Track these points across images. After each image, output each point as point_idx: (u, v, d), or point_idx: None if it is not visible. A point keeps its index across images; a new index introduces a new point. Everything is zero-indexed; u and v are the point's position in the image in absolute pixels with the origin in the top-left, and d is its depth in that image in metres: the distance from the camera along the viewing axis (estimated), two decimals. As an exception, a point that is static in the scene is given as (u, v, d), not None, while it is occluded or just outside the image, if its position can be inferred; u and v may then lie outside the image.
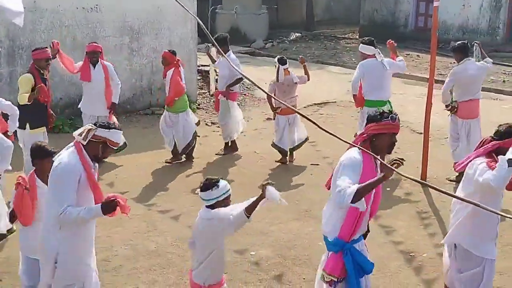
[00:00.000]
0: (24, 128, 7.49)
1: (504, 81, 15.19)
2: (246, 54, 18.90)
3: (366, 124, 4.44)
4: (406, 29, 21.51)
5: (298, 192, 8.08)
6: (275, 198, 4.28)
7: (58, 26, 10.55)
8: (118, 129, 4.47)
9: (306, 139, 9.33)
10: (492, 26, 19.90)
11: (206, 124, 11.20)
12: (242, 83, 14.01)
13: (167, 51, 9.12)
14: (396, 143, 4.45)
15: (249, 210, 4.35)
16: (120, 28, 11.34)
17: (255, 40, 21.11)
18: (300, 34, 23.05)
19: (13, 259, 6.15)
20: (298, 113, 2.94)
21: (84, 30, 10.85)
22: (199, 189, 4.53)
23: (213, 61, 10.12)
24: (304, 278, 5.95)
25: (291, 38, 22.52)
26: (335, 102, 13.19)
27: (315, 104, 12.88)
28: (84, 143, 4.32)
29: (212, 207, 4.47)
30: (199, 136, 9.65)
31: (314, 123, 2.91)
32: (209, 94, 13.10)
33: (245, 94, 13.42)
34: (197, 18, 4.07)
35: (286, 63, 8.89)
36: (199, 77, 13.60)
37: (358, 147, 4.33)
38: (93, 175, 4.39)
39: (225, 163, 9.25)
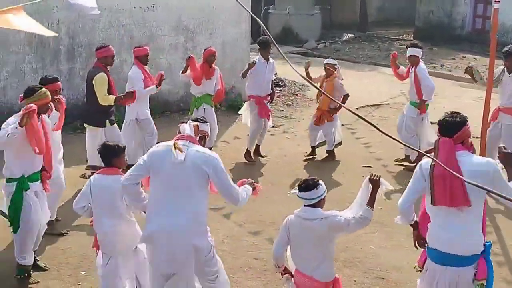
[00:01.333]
0: (104, 126, 7.83)
1: None
2: (298, 54, 18.89)
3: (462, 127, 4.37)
4: (462, 31, 21.05)
5: (352, 196, 8.03)
6: (388, 187, 4.67)
7: (116, 25, 10.80)
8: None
9: (340, 143, 9.48)
10: (555, 29, 19.32)
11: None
12: (294, 83, 14.08)
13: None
14: None
15: (372, 204, 4.57)
16: (175, 27, 11.52)
17: (307, 41, 21.06)
18: (353, 35, 22.86)
19: (71, 252, 6.36)
20: (355, 114, 2.91)
21: (141, 29, 11.07)
22: (296, 189, 4.57)
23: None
24: (355, 281, 5.94)
25: (344, 38, 22.36)
26: (388, 104, 13.05)
27: (367, 105, 12.78)
28: (197, 138, 4.66)
29: (313, 206, 4.51)
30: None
31: (371, 123, 2.89)
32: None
33: (296, 95, 13.42)
34: (256, 17, 4.05)
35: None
36: (251, 77, 13.65)
37: (421, 152, 4.30)
38: None
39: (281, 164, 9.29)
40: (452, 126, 4.38)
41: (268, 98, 9.31)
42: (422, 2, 22.50)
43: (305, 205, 4.54)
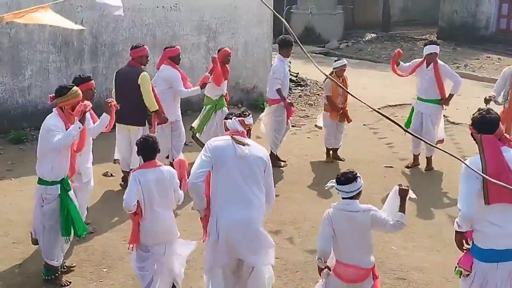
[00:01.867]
0: (145, 125, 7.82)
1: None
2: (320, 54, 18.84)
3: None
4: (487, 31, 20.82)
5: (375, 196, 8.00)
6: (412, 196, 4.75)
7: (139, 24, 10.86)
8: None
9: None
10: None
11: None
12: (316, 83, 14.03)
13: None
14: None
15: (403, 211, 4.67)
16: (197, 27, 11.56)
17: (330, 41, 20.99)
18: (375, 35, 22.74)
19: (93, 249, 6.41)
20: (379, 112, 2.89)
21: (164, 28, 11.13)
22: (333, 182, 4.66)
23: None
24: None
25: (366, 38, 22.25)
26: (410, 104, 12.91)
27: (389, 106, 12.69)
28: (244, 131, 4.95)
29: (351, 199, 4.60)
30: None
31: (394, 121, 2.86)
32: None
33: (318, 94, 13.38)
34: (279, 15, 4.04)
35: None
36: (274, 77, 13.65)
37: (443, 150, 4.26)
38: None
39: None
40: (492, 123, 4.40)
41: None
42: (446, 1, 22.30)
43: (343, 198, 4.62)
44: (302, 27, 21.64)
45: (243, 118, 4.91)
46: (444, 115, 11.92)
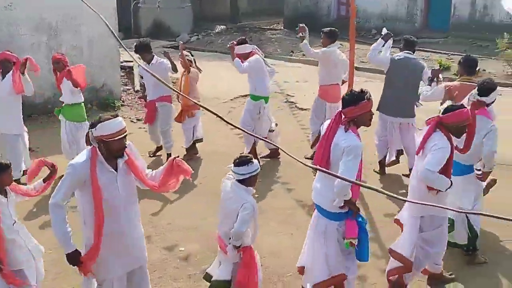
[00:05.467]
0: None
1: (423, 66, 15.64)
2: (171, 48, 18.66)
3: (342, 107, 4.76)
4: (328, 19, 21.84)
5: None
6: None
7: (-31, 25, 10.13)
8: (106, 120, 4.26)
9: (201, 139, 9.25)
10: (410, 13, 20.50)
11: (132, 121, 11.03)
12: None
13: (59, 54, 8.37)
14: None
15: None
16: (37, 26, 10.98)
17: (180, 34, 20.93)
18: (225, 27, 23.02)
19: None
20: (210, 111, 2.90)
21: (-1, 29, 10.46)
22: (232, 165, 4.80)
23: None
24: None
25: (216, 31, 22.46)
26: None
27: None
28: (96, 145, 4.32)
29: (243, 181, 4.75)
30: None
31: (219, 116, 2.86)
32: (134, 91, 12.89)
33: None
34: (100, 16, 3.79)
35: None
36: (122, 74, 13.38)
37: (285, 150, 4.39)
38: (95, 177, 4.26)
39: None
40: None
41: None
42: (290, -9, 23.10)
43: (237, 180, 4.79)
44: (151, 22, 21.41)
45: None
46: (293, 102, 12.45)
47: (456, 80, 7.15)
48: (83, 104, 8.31)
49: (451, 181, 5.06)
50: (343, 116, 4.76)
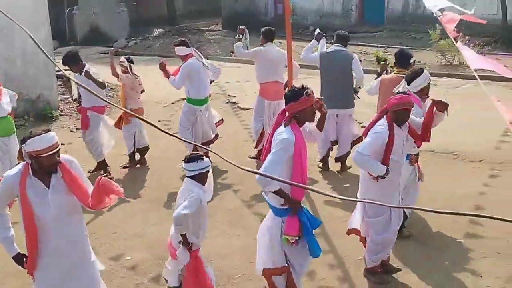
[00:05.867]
0: None
1: (361, 60, 15.87)
2: (108, 54, 18.41)
3: (285, 103, 4.81)
4: (266, 17, 21.97)
5: (174, 190, 8.03)
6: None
7: None
8: (36, 135, 4.12)
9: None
10: (345, 9, 20.83)
11: (71, 131, 10.80)
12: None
13: None
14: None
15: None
16: (-34, 38, 10.61)
17: (117, 39, 20.65)
18: (163, 30, 22.84)
19: None
20: (139, 117, 2.86)
21: None
22: (182, 162, 4.88)
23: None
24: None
25: (154, 34, 22.27)
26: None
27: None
28: (29, 161, 4.20)
29: (193, 178, 4.85)
30: (63, 144, 9.27)
31: (151, 124, 2.83)
32: (72, 100, 12.62)
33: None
34: (24, 28, 3.49)
35: (133, 63, 8.74)
36: (59, 83, 13.08)
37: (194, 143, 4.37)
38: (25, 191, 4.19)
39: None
40: None
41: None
42: (227, -9, 23.14)
43: (187, 176, 4.87)
44: (87, 28, 21.05)
45: None
46: (234, 102, 12.44)
47: (392, 73, 7.32)
48: (9, 116, 7.92)
49: (387, 169, 5.19)
50: (286, 113, 4.81)
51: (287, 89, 6.45)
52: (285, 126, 4.75)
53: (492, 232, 6.43)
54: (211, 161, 5.09)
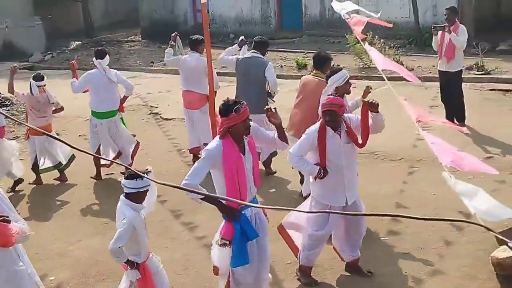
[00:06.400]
0: None
1: (282, 66, 16.14)
2: (25, 69, 17.77)
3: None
4: (186, 26, 21.86)
5: (95, 205, 7.84)
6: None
7: None
8: None
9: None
10: (264, 16, 21.03)
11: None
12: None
13: None
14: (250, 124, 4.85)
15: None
16: None
17: (33, 54, 20.04)
18: (80, 42, 22.37)
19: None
20: (47, 134, 2.78)
21: None
22: (123, 178, 4.76)
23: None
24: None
25: (71, 47, 21.79)
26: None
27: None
28: None
29: (130, 196, 4.73)
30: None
31: (61, 140, 2.75)
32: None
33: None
34: None
35: (42, 80, 8.35)
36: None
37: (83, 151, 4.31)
38: None
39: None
40: None
41: None
42: (145, 1, 22.90)
43: (124, 194, 4.77)
44: (0, 43, 20.30)
45: None
46: (157, 113, 12.29)
47: (310, 74, 7.49)
48: None
49: (321, 170, 5.32)
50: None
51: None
52: (220, 139, 4.79)
53: (413, 228, 6.65)
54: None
